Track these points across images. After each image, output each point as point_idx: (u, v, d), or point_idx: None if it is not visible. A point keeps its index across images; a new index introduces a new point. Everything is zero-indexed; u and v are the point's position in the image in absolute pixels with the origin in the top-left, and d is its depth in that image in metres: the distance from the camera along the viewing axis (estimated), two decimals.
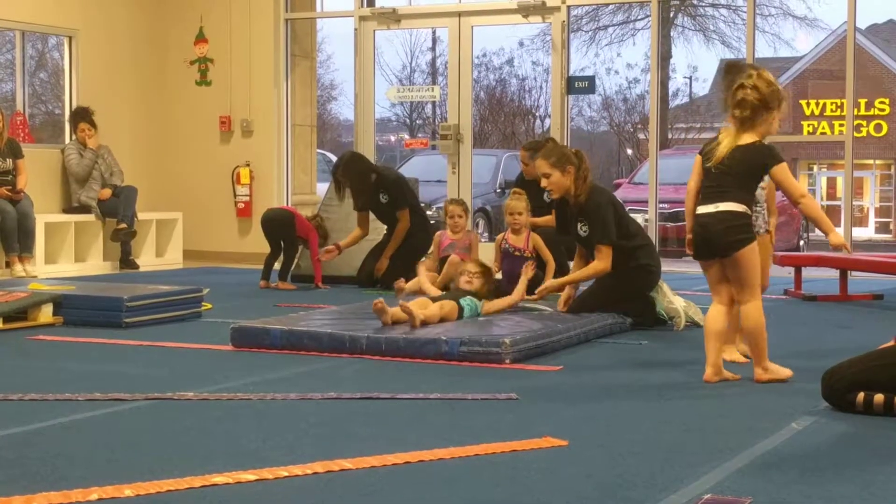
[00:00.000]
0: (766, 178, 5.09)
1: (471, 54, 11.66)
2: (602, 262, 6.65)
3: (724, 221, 4.88)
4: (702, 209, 4.96)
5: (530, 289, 7.16)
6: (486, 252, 9.30)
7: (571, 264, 7.10)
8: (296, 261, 9.35)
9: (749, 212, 4.94)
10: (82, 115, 11.06)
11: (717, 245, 4.91)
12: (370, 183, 9.04)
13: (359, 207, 9.22)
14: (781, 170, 4.88)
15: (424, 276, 7.65)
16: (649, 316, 6.74)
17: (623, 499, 3.17)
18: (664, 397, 4.70)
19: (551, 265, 7.35)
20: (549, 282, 6.99)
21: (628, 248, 6.67)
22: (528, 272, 6.91)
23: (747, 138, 4.88)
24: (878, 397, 4.25)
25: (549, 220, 8.31)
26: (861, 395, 4.28)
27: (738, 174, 4.89)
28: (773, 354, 5.03)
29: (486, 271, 6.92)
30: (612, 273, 6.71)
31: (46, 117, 15.73)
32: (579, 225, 6.73)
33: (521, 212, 7.54)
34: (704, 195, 4.98)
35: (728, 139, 4.90)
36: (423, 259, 8.51)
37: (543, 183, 6.76)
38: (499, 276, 7.59)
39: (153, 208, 11.84)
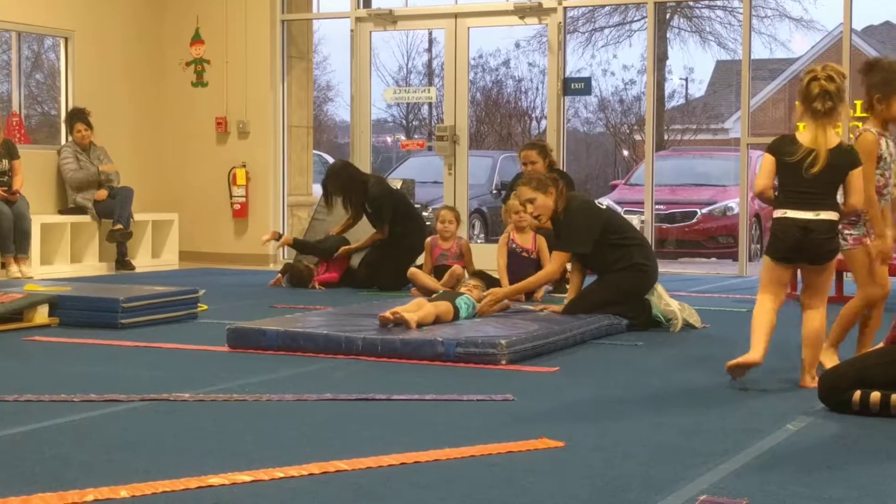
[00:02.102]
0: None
1: (467, 56, 11.66)
2: (552, 265, 6.74)
3: (830, 231, 4.80)
4: (800, 214, 4.79)
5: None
6: (480, 253, 9.32)
7: (570, 266, 7.06)
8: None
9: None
10: (78, 116, 11.04)
11: (818, 252, 4.81)
12: (358, 192, 9.17)
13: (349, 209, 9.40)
14: (862, 172, 4.84)
15: (425, 276, 7.71)
16: (645, 317, 6.74)
17: (619, 500, 3.17)
18: (660, 398, 4.71)
19: (545, 273, 7.04)
20: (495, 290, 6.80)
21: (618, 246, 6.67)
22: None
23: (833, 139, 4.81)
24: (875, 395, 4.25)
25: None
26: (857, 393, 4.28)
27: (830, 181, 4.81)
28: (770, 355, 5.01)
29: (485, 284, 6.98)
30: (607, 274, 6.73)
31: (42, 118, 15.68)
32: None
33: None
34: (799, 200, 4.80)
35: (819, 139, 4.76)
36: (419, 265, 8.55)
37: (529, 209, 6.77)
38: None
39: (149, 209, 11.83)
